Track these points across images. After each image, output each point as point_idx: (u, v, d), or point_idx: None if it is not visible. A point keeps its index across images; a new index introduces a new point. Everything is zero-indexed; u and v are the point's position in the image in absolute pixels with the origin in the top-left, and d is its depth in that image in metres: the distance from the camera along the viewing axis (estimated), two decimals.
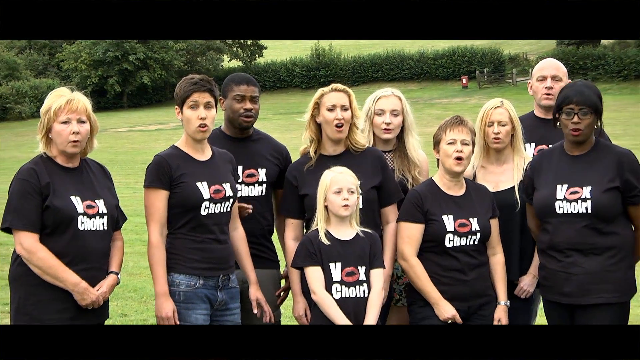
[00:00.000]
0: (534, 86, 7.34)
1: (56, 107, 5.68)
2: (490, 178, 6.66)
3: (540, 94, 7.24)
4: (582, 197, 6.15)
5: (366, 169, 6.37)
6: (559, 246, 6.25)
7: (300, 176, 6.46)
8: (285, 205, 6.56)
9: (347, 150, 6.46)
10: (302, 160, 6.54)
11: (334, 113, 6.31)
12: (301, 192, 6.42)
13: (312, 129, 6.45)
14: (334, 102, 6.32)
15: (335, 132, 6.34)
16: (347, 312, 6.01)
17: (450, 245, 6.26)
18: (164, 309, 5.90)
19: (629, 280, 6.27)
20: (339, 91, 6.39)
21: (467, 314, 6.29)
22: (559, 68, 7.32)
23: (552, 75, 7.23)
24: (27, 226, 5.61)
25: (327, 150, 6.46)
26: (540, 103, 7.24)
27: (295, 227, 6.52)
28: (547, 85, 7.20)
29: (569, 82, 6.74)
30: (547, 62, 7.49)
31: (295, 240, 6.46)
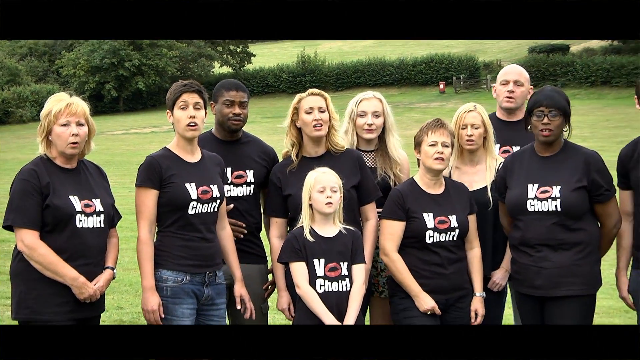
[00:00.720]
0: (497, 89, 7.42)
1: (56, 111, 5.69)
2: (464, 178, 6.66)
3: (502, 96, 7.33)
4: (552, 196, 6.20)
5: (346, 169, 6.37)
6: (530, 242, 6.28)
7: (283, 178, 6.47)
8: (270, 205, 6.57)
9: (327, 152, 6.47)
10: (285, 162, 6.55)
11: (312, 115, 6.33)
12: (285, 193, 6.43)
13: (293, 133, 6.47)
14: (311, 105, 6.34)
15: (313, 131, 6.35)
16: (329, 306, 6.02)
17: (431, 241, 6.27)
18: (149, 303, 5.90)
19: (595, 274, 6.31)
20: (315, 95, 6.43)
21: (446, 305, 6.30)
22: (522, 74, 7.40)
23: (514, 80, 7.30)
24: (28, 224, 5.61)
25: (308, 152, 6.48)
26: (502, 105, 7.32)
27: (279, 226, 6.52)
28: (509, 89, 7.29)
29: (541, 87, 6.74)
30: (510, 68, 7.58)
31: (279, 238, 6.47)
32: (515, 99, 7.26)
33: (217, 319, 6.21)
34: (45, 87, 70.38)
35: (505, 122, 7.26)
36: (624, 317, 9.69)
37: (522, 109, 7.34)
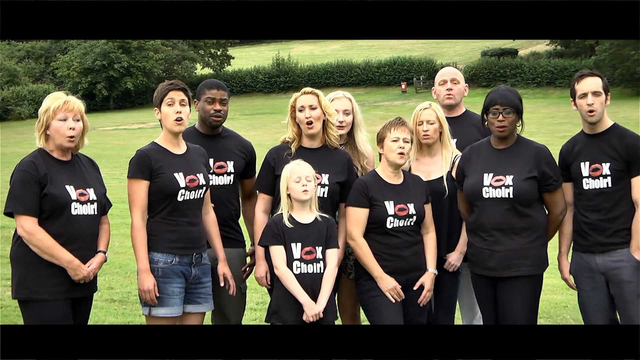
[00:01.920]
0: (437, 90, 7.48)
1: (55, 107, 5.70)
2: (422, 169, 6.70)
3: (442, 95, 7.40)
4: (505, 184, 6.24)
5: (335, 166, 6.44)
6: (484, 226, 6.32)
7: (278, 159, 6.47)
8: (261, 181, 6.57)
9: (324, 145, 6.51)
10: (283, 146, 6.55)
11: (304, 113, 6.36)
12: (277, 173, 6.41)
13: (293, 129, 6.51)
14: (302, 104, 6.38)
15: (306, 128, 6.40)
16: (304, 286, 6.06)
17: (391, 227, 6.30)
18: (145, 283, 5.90)
19: (542, 256, 6.36)
20: (307, 94, 6.45)
21: (406, 285, 6.32)
22: (456, 73, 7.52)
23: (451, 79, 7.39)
24: (27, 211, 5.61)
25: (306, 143, 6.51)
26: (443, 103, 7.35)
27: (265, 202, 6.52)
28: (447, 87, 7.37)
29: (495, 87, 6.78)
30: (446, 69, 7.67)
31: (264, 212, 6.49)
32: (454, 95, 7.34)
33: (204, 296, 6.22)
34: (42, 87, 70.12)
35: (448, 117, 7.30)
36: (566, 294, 9.75)
37: (460, 105, 7.41)
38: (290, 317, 6.09)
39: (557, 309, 10.00)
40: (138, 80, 73.60)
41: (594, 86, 6.30)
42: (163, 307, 5.97)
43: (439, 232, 6.57)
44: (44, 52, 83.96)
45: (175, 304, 6.01)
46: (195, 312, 6.20)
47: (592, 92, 6.29)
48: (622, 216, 6.31)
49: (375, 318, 6.34)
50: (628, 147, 6.28)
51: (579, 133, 6.53)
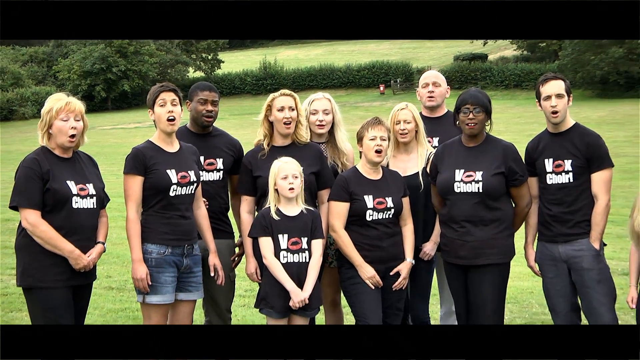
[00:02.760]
0: (420, 92, 7.51)
1: (57, 108, 5.71)
2: (399, 165, 6.71)
3: (424, 97, 7.43)
4: (475, 180, 6.27)
5: (308, 158, 6.41)
6: (456, 218, 6.35)
7: (254, 162, 6.47)
8: (242, 184, 6.57)
9: (293, 143, 6.49)
10: (256, 149, 6.55)
11: (283, 113, 6.37)
12: (255, 174, 6.44)
13: (266, 126, 6.50)
14: (282, 104, 6.38)
15: (284, 128, 6.41)
16: (291, 274, 6.07)
17: (370, 219, 6.32)
18: (138, 272, 5.90)
19: (509, 246, 6.39)
20: (287, 95, 6.46)
21: (385, 274, 6.34)
22: (438, 76, 7.51)
23: (432, 82, 7.41)
24: (31, 205, 5.61)
25: (277, 142, 6.49)
26: (425, 104, 7.41)
27: (249, 203, 6.54)
28: (429, 90, 7.39)
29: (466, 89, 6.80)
30: (428, 72, 7.66)
31: (249, 213, 6.51)
32: (435, 97, 7.37)
33: (195, 284, 6.20)
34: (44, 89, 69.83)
35: (428, 117, 7.33)
36: (532, 281, 9.79)
37: (442, 106, 7.44)
38: (277, 303, 6.09)
39: (523, 294, 10.04)
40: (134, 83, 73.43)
41: (557, 89, 6.34)
42: (156, 294, 5.96)
43: (415, 224, 6.58)
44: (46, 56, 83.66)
45: (167, 292, 6.00)
46: (186, 299, 6.19)
47: (555, 95, 6.33)
48: (582, 209, 6.35)
49: (355, 304, 6.35)
50: (588, 146, 6.33)
51: (544, 132, 6.57)
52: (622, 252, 10.59)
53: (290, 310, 6.12)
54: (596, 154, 6.33)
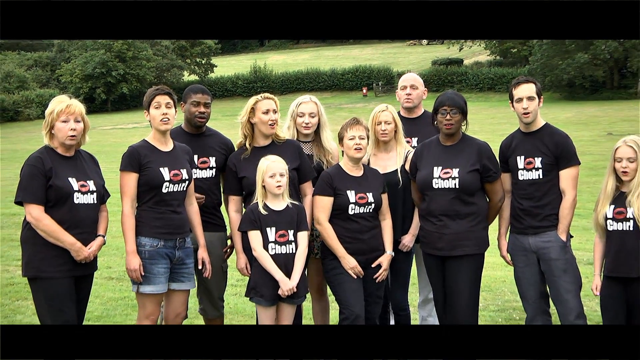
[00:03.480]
0: (398, 94, 7.51)
1: (58, 110, 5.70)
2: (379, 163, 6.72)
3: (402, 98, 7.42)
4: (452, 176, 6.28)
5: (288, 156, 6.39)
6: (434, 212, 6.36)
7: (238, 164, 6.48)
8: (228, 186, 6.58)
9: (272, 142, 6.50)
10: (239, 151, 6.55)
11: (268, 115, 6.37)
12: (240, 175, 6.45)
13: (247, 128, 6.49)
14: (267, 107, 6.39)
15: (269, 129, 6.41)
16: (279, 265, 6.08)
17: (352, 213, 6.33)
18: (131, 263, 5.92)
19: (484, 238, 6.41)
20: (270, 99, 6.47)
21: (366, 264, 6.36)
22: (416, 79, 7.50)
23: (410, 85, 7.40)
24: (35, 200, 5.60)
25: (258, 143, 6.49)
26: (403, 105, 7.41)
27: (236, 202, 6.54)
28: (407, 92, 7.38)
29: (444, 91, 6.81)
30: (407, 75, 7.62)
31: (237, 212, 6.50)
32: (412, 99, 7.37)
33: (187, 275, 6.20)
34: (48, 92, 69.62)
35: (406, 118, 7.32)
36: (504, 270, 9.81)
37: (419, 107, 7.43)
38: (267, 292, 6.10)
39: (496, 283, 10.07)
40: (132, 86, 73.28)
41: (528, 92, 6.37)
42: (149, 285, 5.97)
43: (394, 218, 6.58)
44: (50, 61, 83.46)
45: (160, 282, 6.00)
46: (179, 289, 6.19)
47: (527, 97, 6.35)
48: (551, 203, 6.38)
49: (339, 292, 6.35)
50: (557, 144, 6.37)
51: (516, 131, 6.59)
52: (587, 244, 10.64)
53: (278, 298, 6.13)
54: (564, 152, 6.37)
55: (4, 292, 9.93)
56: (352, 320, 6.21)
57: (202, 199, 6.51)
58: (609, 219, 6.10)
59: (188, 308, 6.46)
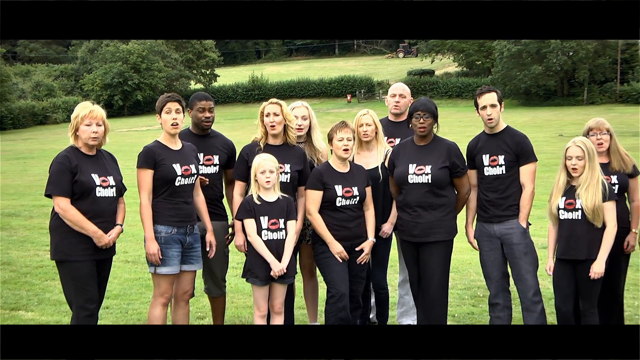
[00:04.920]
0: (388, 100, 7.49)
1: (82, 115, 5.70)
2: (362, 160, 6.71)
3: (391, 105, 7.41)
4: (425, 172, 6.28)
5: (294, 158, 6.45)
6: (410, 204, 6.35)
7: (250, 154, 6.46)
8: (237, 171, 6.55)
9: (284, 143, 6.51)
10: (253, 144, 6.54)
11: (269, 118, 6.41)
12: (249, 164, 6.41)
13: (262, 128, 6.52)
14: (268, 111, 6.43)
15: (270, 130, 6.42)
16: (271, 249, 6.09)
17: (340, 205, 6.32)
18: (151, 249, 5.89)
19: (453, 226, 6.41)
20: (273, 103, 6.48)
21: (350, 249, 6.36)
22: (405, 89, 7.48)
23: (399, 94, 7.39)
24: (62, 193, 5.59)
25: (270, 141, 6.51)
26: (391, 111, 7.40)
27: (241, 187, 6.52)
28: (396, 100, 7.37)
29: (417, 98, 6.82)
30: (397, 85, 7.62)
31: (240, 195, 6.49)
32: (400, 106, 7.36)
33: (196, 258, 6.20)
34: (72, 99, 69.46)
35: (393, 122, 7.34)
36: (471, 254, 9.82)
37: (405, 113, 7.41)
38: (260, 273, 6.11)
39: (464, 265, 10.09)
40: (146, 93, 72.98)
41: (490, 100, 6.39)
42: (165, 266, 5.96)
43: (375, 208, 6.58)
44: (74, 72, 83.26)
45: (174, 264, 6.00)
46: (188, 270, 6.18)
47: (489, 105, 6.38)
48: (512, 195, 6.40)
49: (327, 273, 6.35)
50: (517, 144, 6.39)
51: (481, 133, 6.60)
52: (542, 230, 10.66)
53: (271, 279, 6.13)
54: (523, 150, 6.39)
55: (35, 273, 9.95)
56: (338, 298, 6.21)
57: (206, 182, 6.50)
58: (561, 209, 6.13)
59: (194, 287, 6.44)
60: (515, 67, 60.77)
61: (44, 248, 11.20)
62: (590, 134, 6.46)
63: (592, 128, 6.48)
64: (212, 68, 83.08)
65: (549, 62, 59.22)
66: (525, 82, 60.15)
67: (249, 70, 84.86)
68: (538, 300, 6.41)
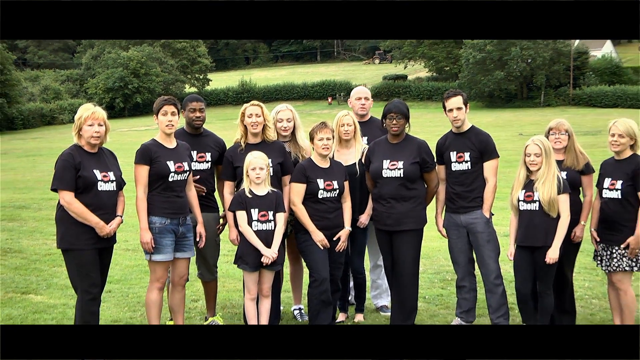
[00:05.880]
0: (352, 103, 7.38)
1: (85, 116, 5.67)
2: (342, 157, 6.70)
3: (357, 107, 7.30)
4: (398, 167, 6.29)
5: (274, 153, 6.41)
6: (384, 196, 6.36)
7: (234, 155, 6.45)
8: (225, 172, 6.53)
9: (263, 141, 6.46)
10: (235, 146, 6.52)
11: (251, 119, 6.38)
12: (235, 165, 6.42)
13: (242, 129, 6.48)
14: (250, 112, 6.40)
15: (252, 129, 6.39)
16: (260, 238, 6.08)
17: (321, 197, 6.32)
18: (145, 237, 5.90)
19: (423, 216, 6.42)
20: (255, 105, 6.45)
21: (330, 237, 6.35)
22: (367, 92, 7.43)
23: (364, 97, 7.32)
24: (67, 187, 5.56)
25: (250, 140, 6.47)
26: (357, 112, 7.28)
27: (229, 186, 6.50)
28: (362, 102, 7.30)
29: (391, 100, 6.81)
30: (360, 89, 7.53)
31: (230, 194, 6.46)
32: (366, 108, 7.33)
33: (188, 246, 6.18)
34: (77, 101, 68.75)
35: (359, 122, 7.29)
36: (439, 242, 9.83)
37: (368, 113, 7.37)
38: (251, 260, 6.09)
39: (433, 252, 10.11)
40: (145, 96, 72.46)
41: (457, 103, 6.41)
42: (159, 254, 5.96)
43: (352, 201, 6.57)
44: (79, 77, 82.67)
45: (167, 252, 5.99)
46: (182, 257, 6.17)
47: (456, 108, 6.40)
48: (477, 188, 6.43)
49: (309, 259, 6.36)
50: (481, 142, 6.43)
51: (449, 132, 6.62)
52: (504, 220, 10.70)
53: (260, 265, 6.11)
54: (487, 148, 6.41)
55: (44, 260, 9.94)
56: (320, 282, 6.21)
57: (203, 191, 6.48)
58: (521, 201, 6.16)
59: (189, 273, 6.41)
60: (479, 73, 61.04)
61: (51, 237, 11.11)
62: (551, 133, 6.49)
63: (552, 128, 6.51)
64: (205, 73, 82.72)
65: (510, 69, 59.58)
66: (488, 86, 60.49)
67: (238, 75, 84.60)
68: (499, 283, 6.46)
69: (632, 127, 6.10)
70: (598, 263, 6.32)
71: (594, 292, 7.95)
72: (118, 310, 7.48)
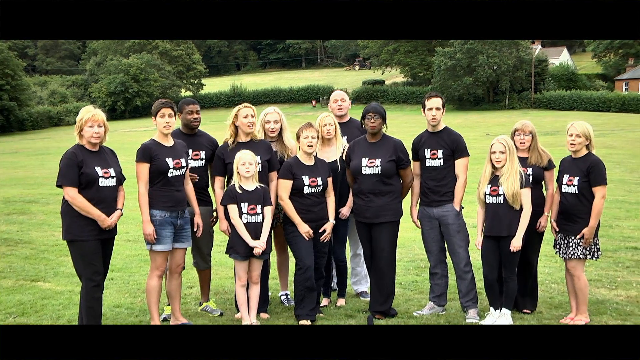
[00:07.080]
0: (331, 105, 7.28)
1: (86, 118, 5.62)
2: (324, 155, 6.66)
3: (335, 109, 7.20)
4: (376, 165, 6.29)
5: (262, 150, 6.38)
6: (363, 191, 6.36)
7: (225, 153, 6.41)
8: (216, 169, 6.49)
9: (251, 140, 6.43)
10: (226, 144, 6.48)
11: (247, 119, 6.36)
12: (226, 162, 6.38)
13: (232, 129, 6.45)
14: (247, 113, 6.38)
15: (247, 128, 6.37)
16: (249, 230, 6.05)
17: (306, 192, 6.29)
18: (147, 229, 5.86)
19: (399, 209, 6.43)
20: (248, 107, 6.44)
21: (315, 229, 6.33)
22: (344, 95, 7.32)
23: (341, 99, 7.21)
24: (71, 183, 5.51)
25: (241, 139, 6.44)
26: (336, 114, 7.17)
27: (220, 182, 6.48)
28: (339, 104, 7.19)
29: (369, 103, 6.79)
30: (338, 92, 7.39)
31: (221, 189, 6.44)
32: (343, 109, 7.25)
33: (186, 237, 6.16)
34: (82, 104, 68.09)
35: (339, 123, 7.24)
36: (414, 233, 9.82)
37: (347, 114, 7.30)
38: (241, 250, 6.07)
39: (408, 242, 10.11)
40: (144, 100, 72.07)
41: (437, 103, 6.42)
42: (159, 244, 5.93)
43: (335, 195, 6.54)
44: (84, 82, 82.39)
45: (167, 243, 5.96)
46: (180, 247, 6.14)
47: (435, 108, 6.41)
48: (449, 184, 6.43)
49: (295, 249, 6.33)
50: (453, 141, 6.44)
51: (424, 131, 6.62)
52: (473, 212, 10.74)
53: (250, 255, 6.08)
54: (458, 146, 6.42)
55: (51, 250, 9.90)
56: (305, 270, 6.19)
57: (196, 178, 6.44)
58: (487, 195, 6.17)
59: (185, 261, 6.37)
60: (450, 78, 61.28)
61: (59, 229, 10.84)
62: (516, 134, 6.50)
63: (517, 129, 6.52)
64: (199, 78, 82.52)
65: (477, 75, 59.91)
66: (458, 90, 60.76)
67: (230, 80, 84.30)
68: (469, 270, 6.46)
69: (588, 128, 6.16)
70: (557, 251, 6.35)
71: (553, 277, 7.98)
72: (120, 296, 7.42)
